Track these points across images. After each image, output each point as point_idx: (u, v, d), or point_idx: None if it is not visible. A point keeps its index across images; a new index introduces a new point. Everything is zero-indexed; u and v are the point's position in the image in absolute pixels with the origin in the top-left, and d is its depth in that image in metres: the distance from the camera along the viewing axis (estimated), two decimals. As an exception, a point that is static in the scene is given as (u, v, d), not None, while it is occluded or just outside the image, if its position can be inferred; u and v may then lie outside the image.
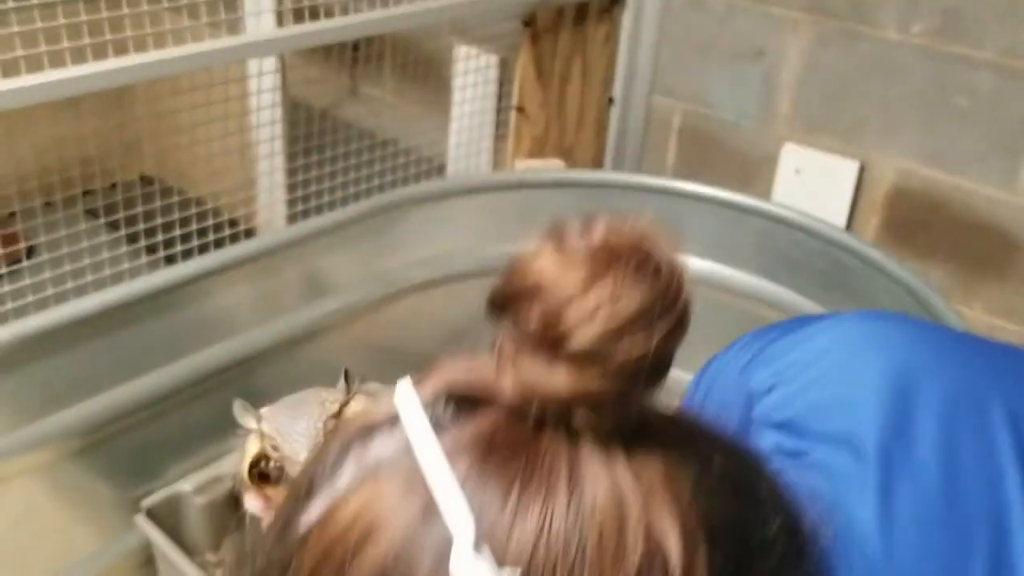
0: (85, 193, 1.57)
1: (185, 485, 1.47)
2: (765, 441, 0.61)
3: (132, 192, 1.49)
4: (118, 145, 1.68)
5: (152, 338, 1.42)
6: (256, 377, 1.57)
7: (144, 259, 1.58)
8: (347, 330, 1.69)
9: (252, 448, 0.76)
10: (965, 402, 0.59)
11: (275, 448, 0.72)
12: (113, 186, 1.61)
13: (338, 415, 0.70)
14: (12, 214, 1.47)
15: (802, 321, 0.68)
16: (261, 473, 0.75)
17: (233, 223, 1.64)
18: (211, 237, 1.58)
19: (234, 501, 1.51)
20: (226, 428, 1.55)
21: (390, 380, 1.71)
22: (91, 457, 1.41)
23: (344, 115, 2.25)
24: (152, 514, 1.43)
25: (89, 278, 1.44)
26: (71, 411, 1.35)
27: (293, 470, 0.69)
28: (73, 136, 1.52)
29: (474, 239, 1.82)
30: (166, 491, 1.46)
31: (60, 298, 1.38)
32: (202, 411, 1.51)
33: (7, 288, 1.36)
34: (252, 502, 0.73)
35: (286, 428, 0.71)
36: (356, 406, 0.71)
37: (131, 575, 1.48)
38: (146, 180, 1.99)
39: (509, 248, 2.10)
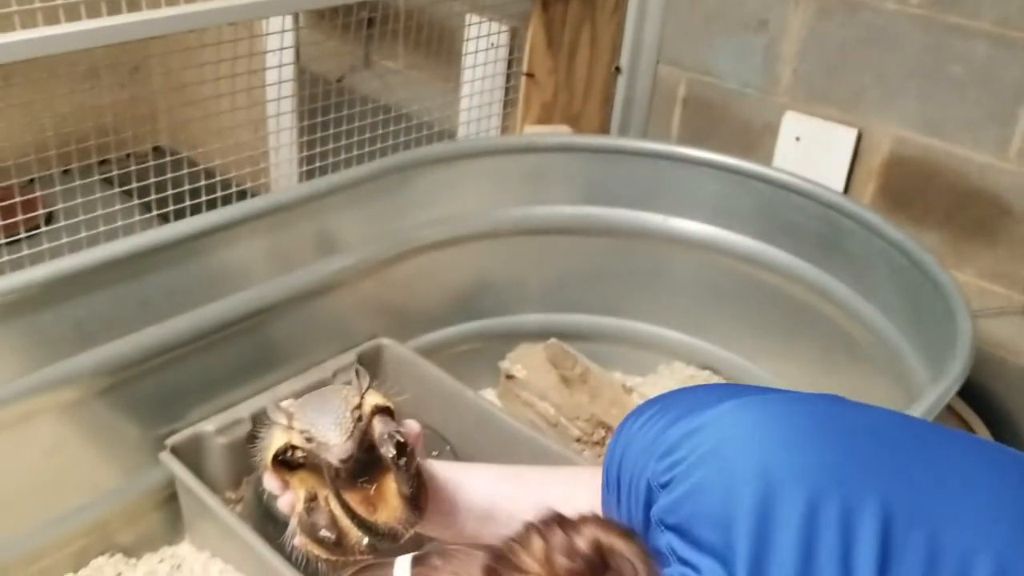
0: (101, 162, 1.62)
1: (207, 426, 1.55)
2: (662, 541, 0.65)
3: (147, 162, 1.53)
4: (134, 116, 1.72)
5: (176, 285, 1.49)
6: (271, 328, 1.64)
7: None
8: (357, 287, 1.75)
9: (278, 440, 0.82)
10: (831, 507, 0.59)
11: (309, 439, 0.78)
12: (128, 155, 1.66)
13: (359, 406, 0.80)
14: (31, 181, 1.53)
15: (700, 401, 0.69)
16: (283, 461, 0.83)
17: (245, 194, 1.67)
18: (216, 196, 1.61)
19: (253, 443, 1.59)
20: (245, 374, 1.63)
21: (399, 337, 1.80)
22: (118, 396, 1.47)
23: (357, 86, 2.29)
24: (176, 451, 1.51)
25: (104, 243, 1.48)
26: (100, 350, 1.42)
27: (328, 454, 0.78)
28: (91, 106, 1.56)
29: (483, 201, 1.88)
30: (189, 431, 1.54)
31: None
32: (222, 357, 1.58)
33: (26, 252, 1.41)
34: (271, 482, 0.84)
35: (314, 418, 0.79)
36: (371, 399, 0.82)
37: (154, 511, 1.56)
38: (161, 151, 2.03)
39: (517, 211, 2.17)
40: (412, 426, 0.86)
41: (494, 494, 0.89)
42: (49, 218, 1.58)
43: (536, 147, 1.90)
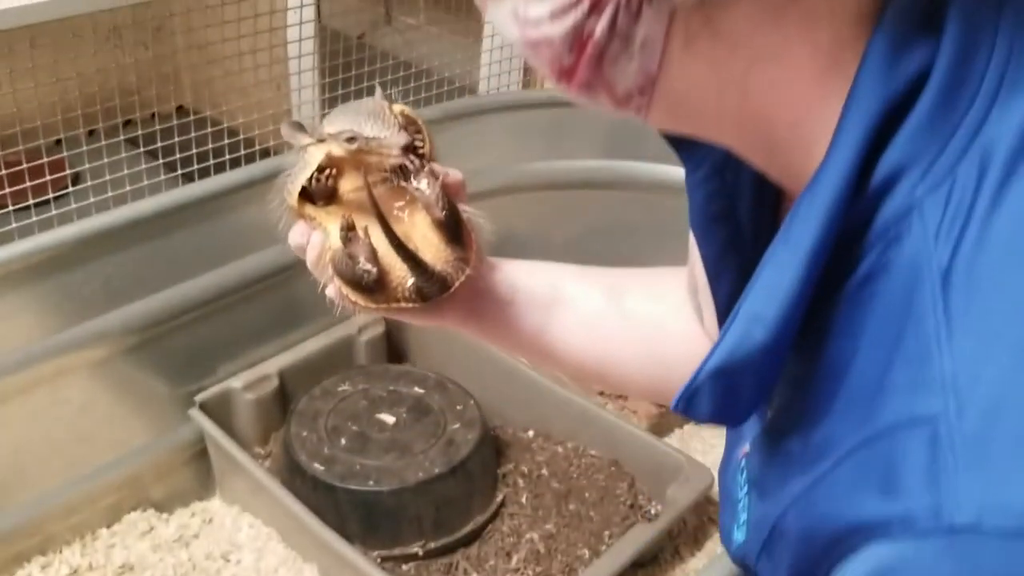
0: (126, 123, 1.62)
1: (235, 382, 1.57)
2: None
3: (170, 122, 1.54)
4: (157, 76, 1.72)
5: (203, 243, 1.50)
6: (297, 284, 1.65)
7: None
8: (382, 242, 1.75)
9: (313, 159, 0.69)
10: None
11: (351, 139, 0.67)
12: (152, 116, 1.66)
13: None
14: (58, 142, 1.54)
15: None
16: (310, 194, 0.71)
17: (268, 152, 1.68)
18: (239, 156, 1.61)
19: (281, 399, 1.61)
20: (271, 331, 1.65)
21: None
22: (147, 353, 1.49)
23: (379, 43, 2.28)
24: (205, 408, 1.53)
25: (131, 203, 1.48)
26: (129, 308, 1.44)
27: (383, 147, 0.68)
28: (115, 66, 1.57)
29: (505, 156, 1.87)
30: (218, 387, 1.56)
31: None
32: (249, 314, 1.60)
33: (55, 212, 1.43)
34: (296, 231, 0.73)
35: (354, 115, 0.68)
36: (397, 107, 0.71)
37: (183, 467, 1.58)
38: (184, 111, 2.04)
39: (540, 165, 2.16)
40: (455, 173, 0.72)
41: (559, 278, 0.78)
42: (76, 179, 1.59)
43: (558, 101, 1.88)
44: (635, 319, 0.77)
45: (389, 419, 1.53)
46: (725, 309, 0.58)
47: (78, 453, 1.47)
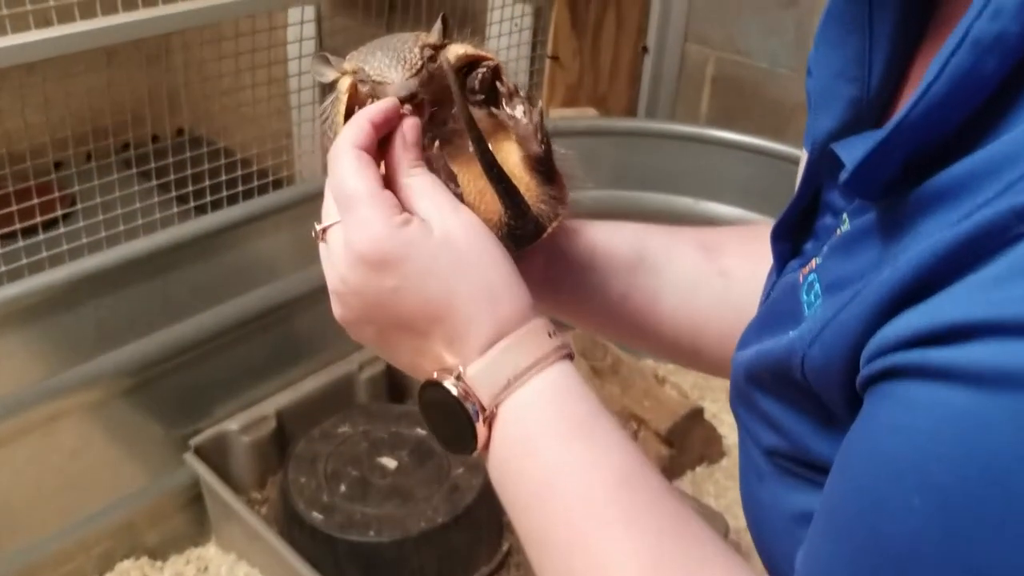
0: (123, 146, 1.59)
1: (232, 424, 1.52)
2: None
3: (178, 150, 1.50)
4: (155, 98, 1.69)
5: (200, 281, 1.46)
6: (298, 321, 1.61)
7: (176, 209, 1.59)
8: (384, 276, 1.71)
9: (345, 86, 0.59)
10: None
11: (361, 81, 0.57)
12: (155, 139, 1.63)
13: (438, 48, 0.57)
14: (56, 166, 1.50)
15: None
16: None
17: (275, 177, 1.65)
18: (240, 187, 1.56)
19: (279, 440, 1.57)
20: (269, 370, 1.60)
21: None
22: (142, 395, 1.45)
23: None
24: (200, 452, 1.49)
25: (122, 227, 1.44)
26: (123, 350, 1.40)
27: (380, 92, 0.56)
28: (111, 89, 1.53)
29: (509, 187, 1.83)
30: (213, 430, 1.51)
31: (95, 247, 1.38)
32: (246, 353, 1.55)
33: (55, 234, 1.38)
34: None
35: (371, 52, 0.58)
36: (459, 50, 0.59)
37: (178, 512, 1.53)
38: (183, 133, 2.00)
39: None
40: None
41: (645, 237, 0.68)
42: (73, 204, 1.55)
43: (562, 131, 1.85)
44: (736, 280, 0.68)
45: (391, 463, 1.49)
46: (819, 155, 0.51)
47: (70, 499, 1.43)
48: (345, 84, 0.59)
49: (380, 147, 0.55)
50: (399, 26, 2.31)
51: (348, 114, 0.59)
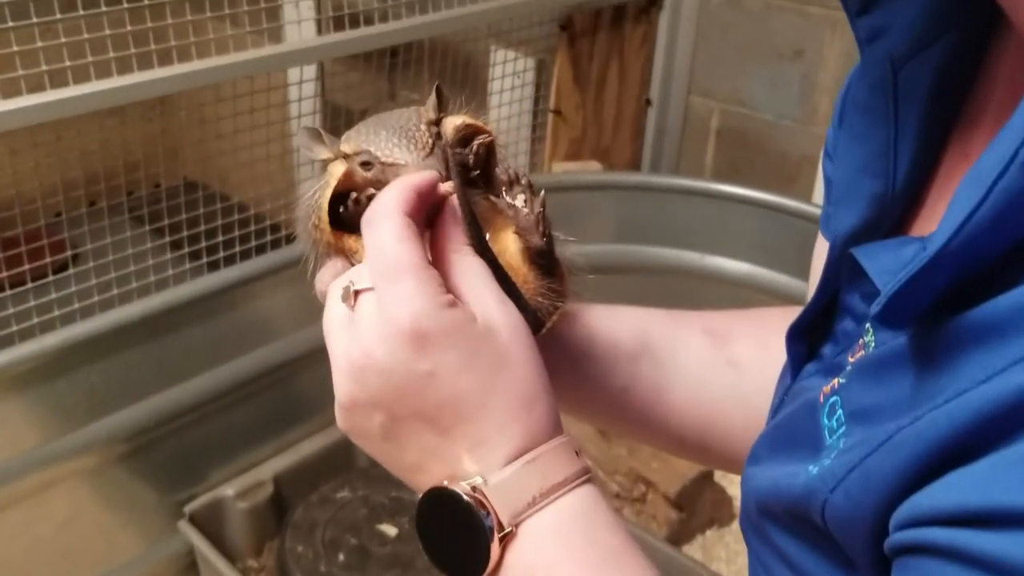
0: (128, 194, 1.57)
1: (227, 490, 1.49)
2: None
3: (175, 198, 1.49)
4: (161, 151, 1.68)
5: (195, 343, 1.43)
6: (296, 382, 1.57)
7: (188, 264, 1.58)
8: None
9: (336, 172, 0.54)
10: None
11: (366, 163, 0.53)
12: (156, 189, 1.62)
13: (438, 123, 0.53)
14: (58, 215, 1.49)
15: None
16: (342, 217, 0.55)
17: (274, 228, 1.63)
18: (253, 242, 1.56)
19: (276, 505, 1.53)
20: (266, 433, 1.57)
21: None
22: (135, 461, 1.41)
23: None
24: (195, 519, 1.45)
25: (134, 284, 1.43)
26: (116, 416, 1.36)
27: (391, 174, 0.52)
28: (117, 142, 1.52)
29: (512, 242, 1.80)
30: (208, 496, 1.48)
31: (106, 304, 1.38)
32: (243, 416, 1.52)
33: (54, 295, 1.36)
34: (331, 267, 0.55)
35: (374, 131, 0.53)
36: (456, 121, 0.55)
37: (175, 579, 1.49)
38: (189, 185, 2.00)
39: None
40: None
41: (647, 323, 0.65)
42: (76, 257, 1.53)
43: (566, 185, 1.83)
44: (747, 370, 0.64)
45: (391, 530, 1.45)
46: (839, 254, 0.48)
47: (61, 570, 1.39)
48: (338, 169, 0.55)
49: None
50: (400, 82, 2.30)
51: (334, 201, 0.55)
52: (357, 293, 0.48)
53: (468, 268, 0.49)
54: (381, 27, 1.59)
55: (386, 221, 0.47)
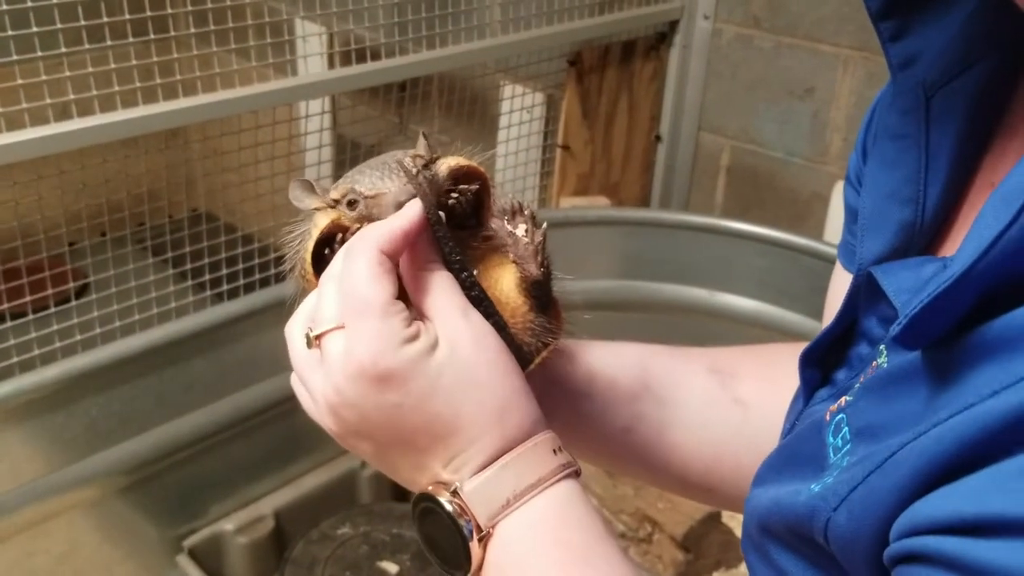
0: (138, 225, 1.58)
1: (227, 524, 1.47)
2: None
3: (184, 229, 1.49)
4: (170, 182, 1.69)
5: (196, 377, 1.42)
6: (298, 417, 1.55)
7: (191, 296, 1.58)
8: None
9: (322, 221, 0.54)
10: None
11: (352, 202, 0.52)
12: (168, 219, 1.63)
13: (429, 162, 0.53)
14: (72, 244, 1.50)
15: None
16: (328, 260, 0.53)
17: (281, 260, 1.62)
18: (257, 275, 1.57)
19: (276, 540, 1.51)
20: (267, 467, 1.55)
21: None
22: (135, 495, 1.40)
23: (392, 152, 2.25)
24: (194, 553, 1.43)
25: (136, 316, 1.43)
26: (116, 449, 1.35)
27: (380, 209, 0.52)
28: (126, 173, 1.53)
29: (519, 277, 1.79)
30: (208, 530, 1.46)
31: (108, 336, 1.37)
32: (243, 450, 1.51)
33: (65, 308, 1.36)
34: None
35: (359, 172, 0.53)
36: (451, 162, 0.55)
37: (173, 614, 1.48)
38: (197, 216, 2.01)
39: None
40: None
41: (650, 361, 0.64)
42: (84, 289, 1.54)
43: (573, 220, 1.82)
44: (754, 410, 0.62)
45: (392, 568, 1.43)
46: (867, 279, 0.47)
47: (57, 604, 1.37)
48: (322, 220, 0.55)
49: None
50: (410, 116, 2.31)
51: (317, 250, 0.55)
52: (319, 337, 0.50)
53: (432, 283, 0.51)
54: (391, 62, 1.59)
55: (362, 258, 0.49)
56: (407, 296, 0.51)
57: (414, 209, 0.51)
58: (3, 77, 1.15)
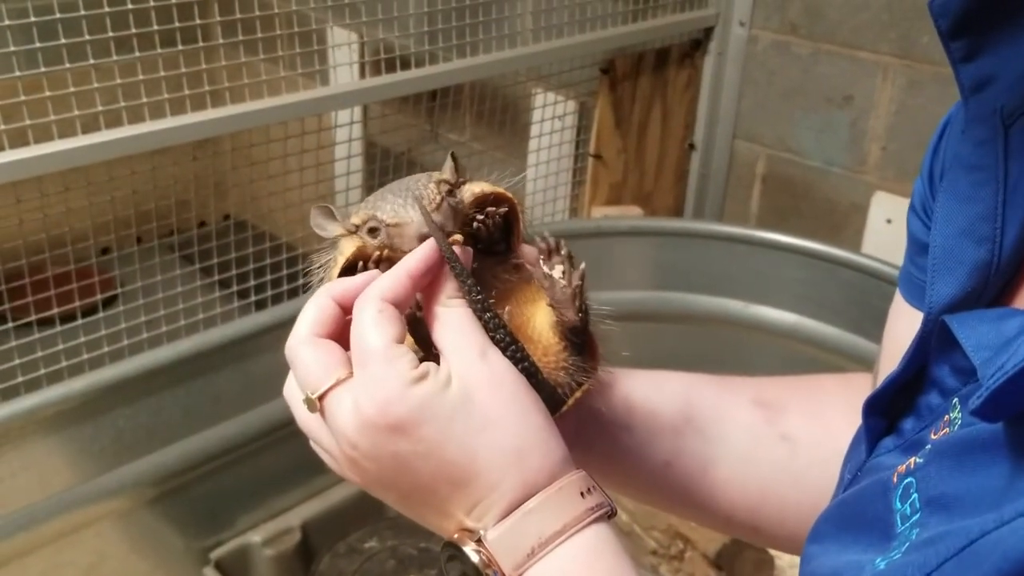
0: (168, 233, 1.58)
1: (254, 536, 1.46)
2: None
3: (212, 239, 1.49)
4: (198, 191, 1.69)
5: (224, 388, 1.41)
6: (328, 427, 1.55)
7: (219, 307, 1.57)
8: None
9: (347, 248, 0.53)
10: None
11: (373, 229, 0.51)
12: (198, 227, 1.63)
13: (455, 186, 0.52)
14: (106, 251, 1.50)
15: None
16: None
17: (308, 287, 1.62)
18: (285, 286, 1.57)
19: (303, 553, 1.50)
20: (294, 479, 1.54)
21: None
22: (163, 506, 1.40)
23: (424, 160, 2.24)
24: (220, 565, 1.42)
25: (164, 328, 1.44)
26: (144, 461, 1.35)
27: (402, 240, 0.50)
28: (154, 183, 1.53)
29: (550, 288, 1.77)
30: (235, 542, 1.45)
31: (135, 348, 1.38)
32: (272, 461, 1.50)
33: (96, 318, 1.37)
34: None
35: (381, 197, 0.52)
36: (476, 188, 0.53)
37: (200, 626, 1.47)
38: (227, 227, 2.01)
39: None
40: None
41: (692, 392, 0.61)
42: (114, 298, 1.54)
43: (605, 231, 1.80)
44: (802, 446, 0.60)
45: (418, 584, 1.41)
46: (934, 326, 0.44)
47: (85, 614, 1.37)
48: (347, 247, 0.54)
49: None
50: (441, 124, 2.30)
51: (346, 273, 0.54)
52: (320, 399, 0.50)
53: (449, 320, 0.49)
54: (423, 71, 1.58)
55: (364, 311, 0.48)
56: (430, 340, 0.50)
57: (426, 251, 0.50)
58: (31, 88, 1.14)
